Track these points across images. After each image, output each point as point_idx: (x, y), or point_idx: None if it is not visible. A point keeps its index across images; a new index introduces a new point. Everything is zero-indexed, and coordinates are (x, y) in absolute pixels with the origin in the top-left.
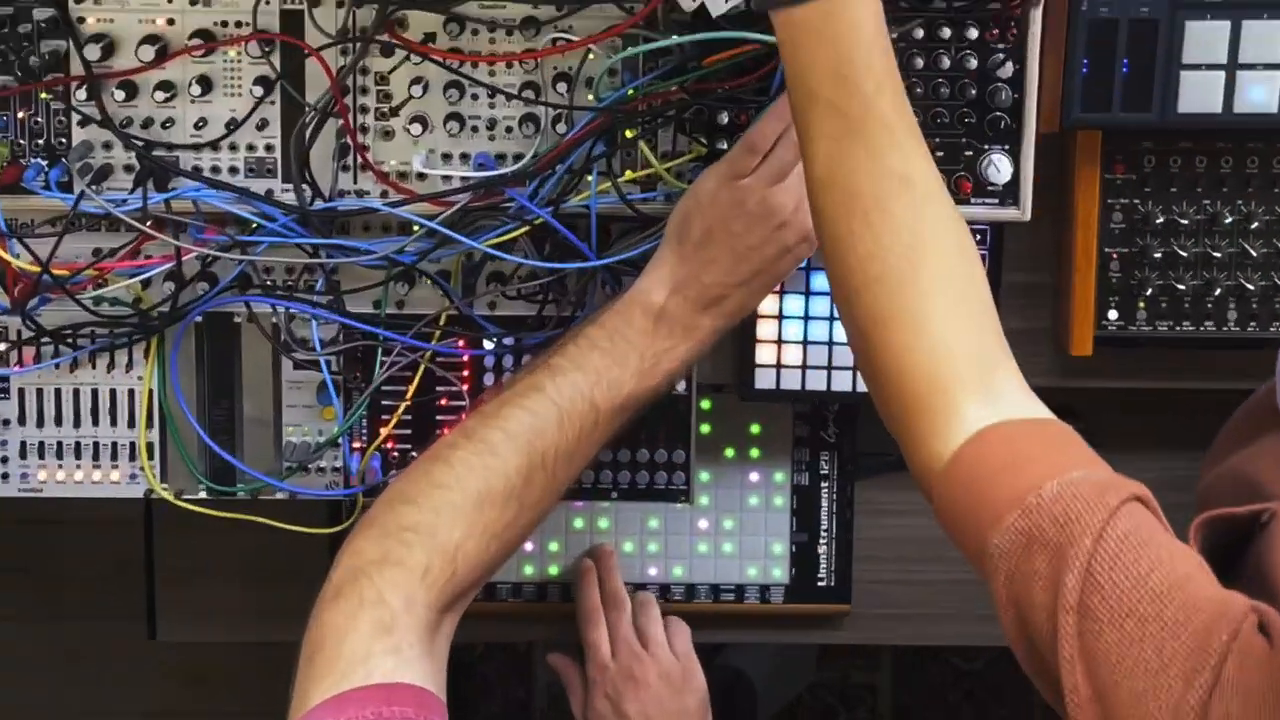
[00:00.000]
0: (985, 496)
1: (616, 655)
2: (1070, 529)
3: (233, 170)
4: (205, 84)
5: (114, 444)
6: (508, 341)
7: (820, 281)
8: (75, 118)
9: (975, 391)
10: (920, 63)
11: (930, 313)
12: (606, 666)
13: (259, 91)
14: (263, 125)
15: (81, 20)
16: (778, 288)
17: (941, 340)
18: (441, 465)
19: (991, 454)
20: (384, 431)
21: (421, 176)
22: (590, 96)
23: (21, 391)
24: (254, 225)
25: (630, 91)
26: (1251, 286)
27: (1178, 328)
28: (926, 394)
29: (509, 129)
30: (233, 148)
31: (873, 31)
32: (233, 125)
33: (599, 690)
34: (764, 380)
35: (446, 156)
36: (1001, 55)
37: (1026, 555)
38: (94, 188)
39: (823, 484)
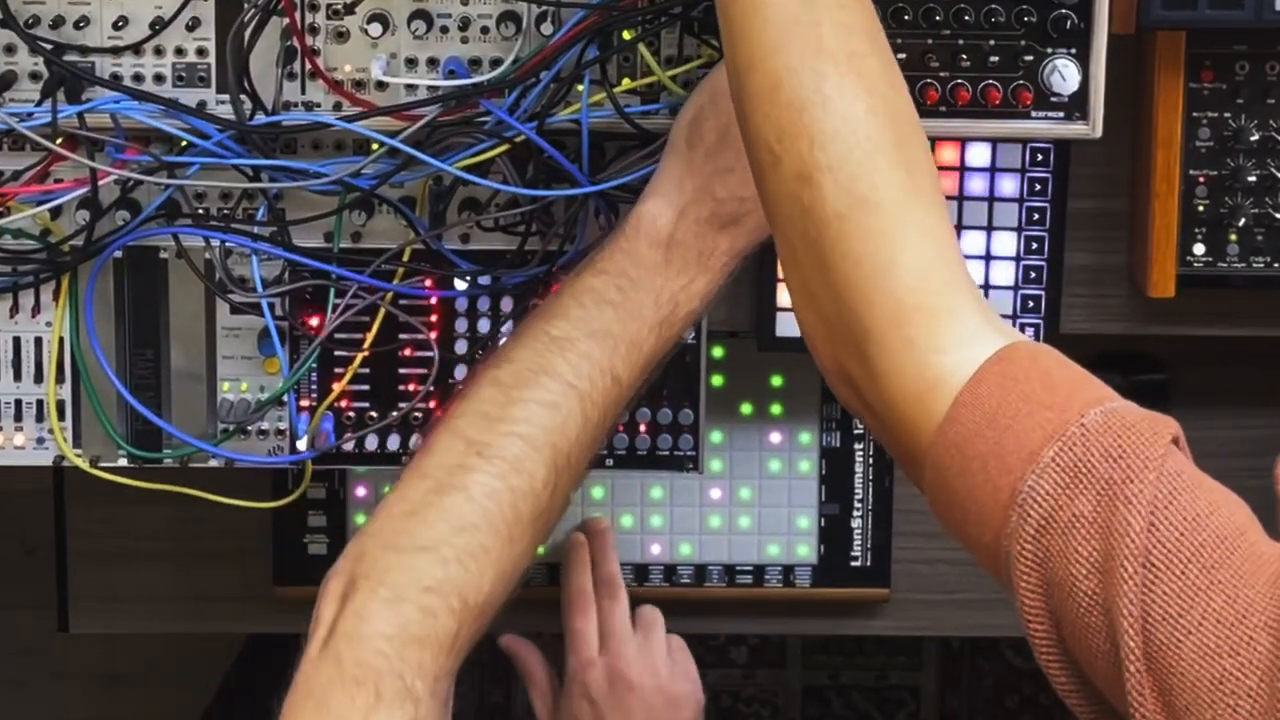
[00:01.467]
0: (1014, 429)
1: (605, 650)
2: (1126, 463)
3: (158, 79)
4: None
5: (17, 402)
6: (483, 281)
7: None
8: None
9: (971, 295)
10: None
11: (918, 195)
12: (593, 663)
13: None
14: (194, 25)
15: None
16: None
17: (932, 229)
18: (459, 498)
19: (1022, 378)
20: (337, 387)
21: (381, 86)
22: None
23: None
24: (183, 143)
25: None
26: None
27: (1276, 264)
28: (920, 293)
29: (485, 29)
30: (158, 52)
31: None
32: (158, 25)
33: (578, 689)
34: (787, 326)
35: (411, 62)
36: None
37: (1069, 496)
38: None
39: (856, 446)
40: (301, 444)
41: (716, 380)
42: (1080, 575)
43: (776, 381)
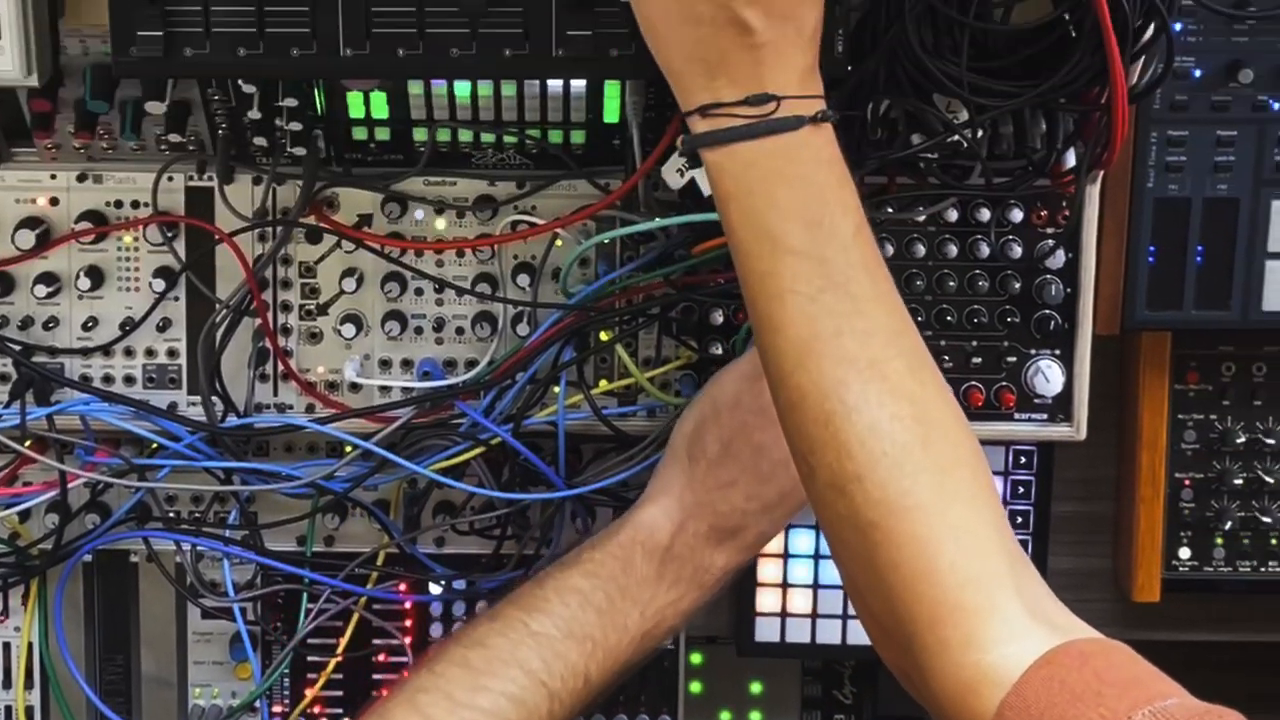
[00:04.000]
0: None
1: None
2: None
3: (128, 380)
4: (96, 276)
5: None
6: (458, 585)
7: None
8: None
9: (1013, 590)
10: (954, 250)
11: (953, 494)
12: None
13: (160, 285)
14: (165, 326)
15: None
16: None
17: (968, 527)
18: None
19: (1067, 679)
20: (310, 693)
21: (355, 388)
22: (557, 291)
23: None
24: (154, 446)
25: (605, 285)
26: None
27: (1263, 569)
28: (957, 593)
29: (460, 330)
30: (129, 353)
31: (842, 163)
32: (128, 326)
33: None
34: (766, 631)
35: (385, 363)
36: (1051, 242)
37: None
38: None
39: None
40: None
41: (695, 687)
42: None
43: (756, 689)
